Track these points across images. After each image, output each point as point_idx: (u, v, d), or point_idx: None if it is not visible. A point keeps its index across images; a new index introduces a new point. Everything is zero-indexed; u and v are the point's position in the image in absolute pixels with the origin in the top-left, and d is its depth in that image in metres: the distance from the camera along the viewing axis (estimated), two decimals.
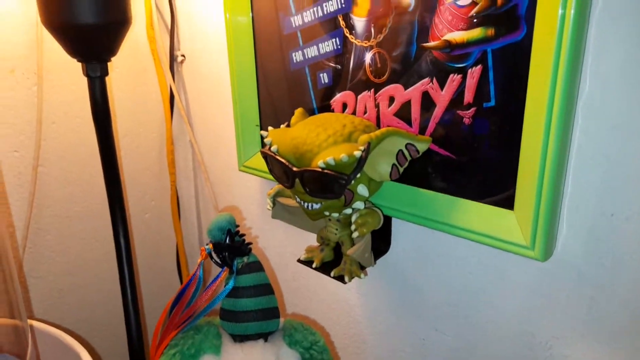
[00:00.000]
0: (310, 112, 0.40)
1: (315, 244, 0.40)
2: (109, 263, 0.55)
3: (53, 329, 0.40)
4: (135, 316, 0.45)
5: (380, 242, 0.40)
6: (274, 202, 0.39)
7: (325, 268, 0.39)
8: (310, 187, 0.32)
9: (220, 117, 0.51)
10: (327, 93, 0.40)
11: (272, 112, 0.45)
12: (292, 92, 0.42)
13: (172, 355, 0.32)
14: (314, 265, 0.39)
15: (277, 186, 0.40)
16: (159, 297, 0.62)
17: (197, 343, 0.32)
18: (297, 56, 0.41)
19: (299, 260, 0.40)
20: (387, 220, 0.39)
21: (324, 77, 0.40)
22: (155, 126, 0.57)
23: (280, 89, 0.43)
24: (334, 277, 0.37)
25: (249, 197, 0.51)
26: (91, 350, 0.44)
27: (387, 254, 0.40)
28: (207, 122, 0.54)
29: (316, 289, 0.48)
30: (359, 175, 0.32)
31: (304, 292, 0.49)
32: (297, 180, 0.33)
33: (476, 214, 0.33)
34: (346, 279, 0.37)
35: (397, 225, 0.39)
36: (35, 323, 0.40)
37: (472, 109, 0.32)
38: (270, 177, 0.44)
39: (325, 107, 0.40)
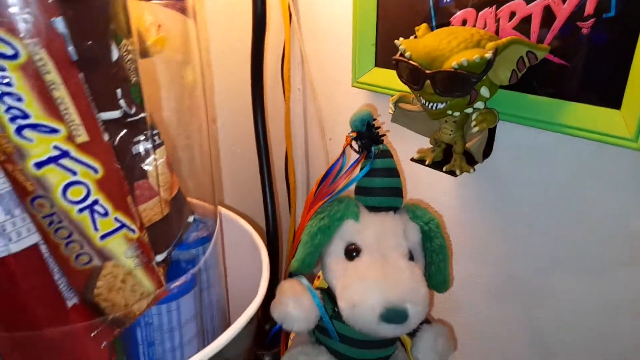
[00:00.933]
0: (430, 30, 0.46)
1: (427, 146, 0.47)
2: None
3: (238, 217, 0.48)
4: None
5: (485, 145, 0.46)
6: (395, 107, 0.45)
7: (435, 166, 0.46)
8: (441, 87, 0.38)
9: (335, 36, 0.57)
10: (448, 11, 0.45)
11: (389, 31, 0.51)
12: (412, 11, 0.48)
13: (320, 218, 0.40)
14: (427, 162, 0.46)
15: (398, 94, 0.46)
16: None
17: (341, 210, 0.40)
18: None
19: (412, 159, 0.47)
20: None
21: None
22: (272, 43, 0.63)
23: (401, 8, 0.49)
24: (445, 172, 0.44)
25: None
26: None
27: (489, 157, 0.46)
28: (320, 40, 0.60)
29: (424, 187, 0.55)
30: (484, 78, 0.38)
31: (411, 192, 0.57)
32: (427, 82, 0.39)
33: (582, 113, 0.38)
34: (457, 172, 0.43)
35: (501, 129, 0.44)
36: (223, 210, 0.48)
37: (591, 20, 0.36)
38: (382, 91, 0.50)
39: (444, 25, 0.45)
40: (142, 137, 0.29)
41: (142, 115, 0.29)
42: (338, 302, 0.39)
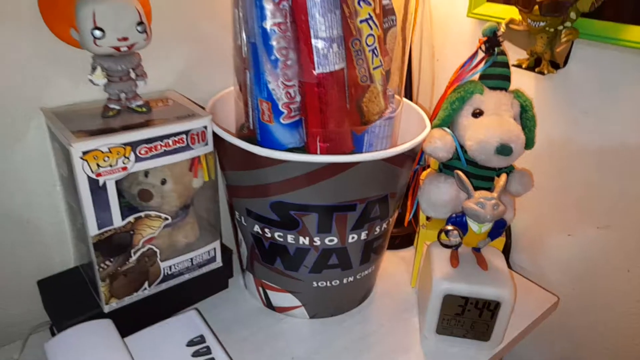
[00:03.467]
0: None
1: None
2: None
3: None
4: None
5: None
6: (506, 27, 0.67)
7: (529, 69, 0.68)
8: (545, 10, 0.60)
9: None
10: None
11: None
12: None
13: (458, 92, 0.64)
14: (523, 66, 0.68)
15: (509, 18, 0.68)
16: None
17: (472, 87, 0.63)
18: None
19: (512, 65, 0.70)
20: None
21: None
22: None
23: None
24: (536, 72, 0.67)
25: (470, 40, 0.80)
26: None
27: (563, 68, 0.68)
28: None
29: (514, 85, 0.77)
30: (573, 5, 0.60)
31: None
32: (535, 7, 0.61)
33: (632, 32, 0.60)
34: (545, 72, 0.66)
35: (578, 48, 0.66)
36: None
37: None
38: (489, 19, 0.71)
39: None
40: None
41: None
42: (466, 142, 0.63)
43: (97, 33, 0.48)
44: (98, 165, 0.48)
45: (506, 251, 0.83)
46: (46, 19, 0.50)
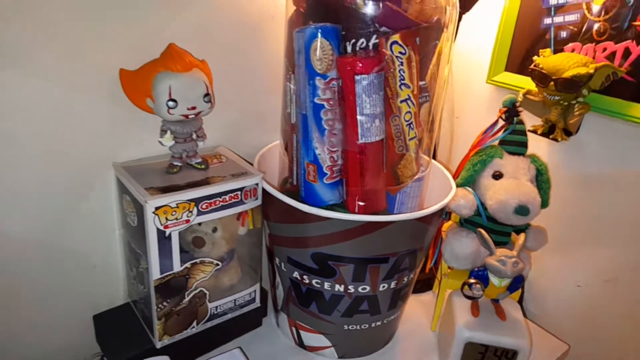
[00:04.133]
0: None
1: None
2: None
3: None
4: None
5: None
6: (524, 97, 0.75)
7: (544, 135, 0.75)
8: (560, 86, 0.67)
9: (478, 43, 0.86)
10: (562, 43, 0.74)
11: (518, 49, 0.80)
12: (537, 38, 0.77)
13: (480, 155, 0.70)
14: (538, 132, 0.75)
15: (526, 89, 0.75)
16: None
17: (492, 152, 0.70)
18: (547, 20, 0.75)
19: (528, 130, 0.77)
20: None
21: (562, 34, 0.73)
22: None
23: (530, 36, 0.78)
24: (550, 139, 0.74)
25: (488, 103, 0.87)
26: None
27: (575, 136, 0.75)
28: (465, 43, 0.89)
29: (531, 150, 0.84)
30: (586, 84, 0.67)
31: None
32: (551, 83, 0.68)
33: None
34: (559, 139, 0.73)
35: (587, 117, 0.73)
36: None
37: None
38: (506, 87, 0.78)
39: (560, 51, 0.74)
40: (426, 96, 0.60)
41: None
42: (487, 201, 0.69)
43: (171, 104, 0.56)
44: (166, 219, 0.55)
45: (520, 298, 0.88)
46: (126, 90, 0.58)
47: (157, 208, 0.54)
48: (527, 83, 0.76)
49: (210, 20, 0.64)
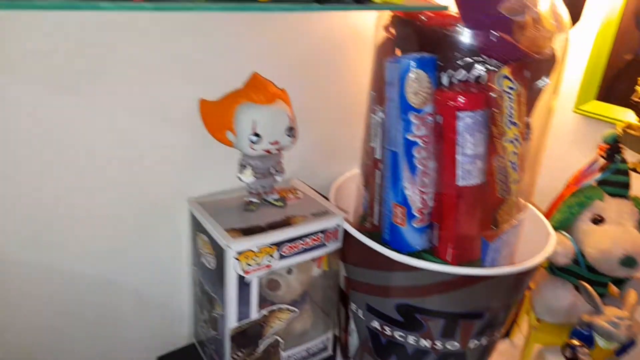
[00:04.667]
0: None
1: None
2: None
3: None
4: None
5: None
6: (624, 131, 0.68)
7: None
8: None
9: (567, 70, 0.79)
10: None
11: (612, 78, 0.73)
12: (637, 68, 0.70)
13: (578, 197, 0.64)
14: (638, 170, 0.68)
15: (626, 122, 0.68)
16: None
17: (591, 193, 0.64)
18: None
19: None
20: None
21: None
22: None
23: (628, 63, 0.71)
24: None
25: (574, 134, 0.80)
26: None
27: None
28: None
29: None
30: None
31: None
32: None
33: None
34: None
35: None
36: None
37: None
38: (596, 117, 0.72)
39: None
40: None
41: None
42: (587, 248, 0.62)
43: (254, 138, 0.52)
44: (248, 264, 0.51)
45: None
46: (206, 121, 0.54)
47: (239, 253, 0.49)
48: (620, 114, 0.69)
49: (291, 47, 0.61)
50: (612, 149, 0.64)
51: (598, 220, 0.63)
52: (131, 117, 0.52)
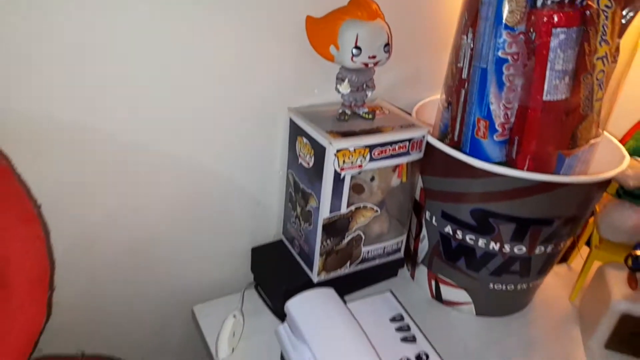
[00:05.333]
0: None
1: None
2: None
3: None
4: None
5: None
6: None
7: None
8: None
9: None
10: None
11: None
12: None
13: None
14: None
15: None
16: None
17: None
18: None
19: None
20: None
21: None
22: None
23: None
24: None
25: None
26: None
27: None
28: None
29: None
30: None
31: None
32: None
33: None
34: None
35: None
36: None
37: None
38: None
39: None
40: None
41: None
42: None
43: (355, 51, 0.57)
44: (344, 162, 0.58)
45: None
46: (311, 37, 0.60)
47: (338, 151, 0.56)
48: None
49: None
50: None
51: None
52: (248, 33, 0.58)
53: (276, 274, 0.69)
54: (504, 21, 0.54)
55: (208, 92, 0.60)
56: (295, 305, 0.57)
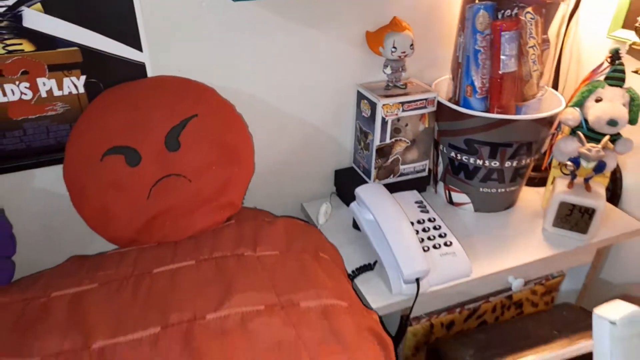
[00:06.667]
0: None
1: None
2: None
3: None
4: None
5: None
6: (629, 47, 1.04)
7: None
8: None
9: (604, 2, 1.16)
10: None
11: (635, 11, 1.08)
12: None
13: (587, 86, 1.04)
14: (639, 72, 1.05)
15: (631, 41, 1.04)
16: None
17: (597, 84, 1.03)
18: None
19: None
20: None
21: None
22: None
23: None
24: None
25: (605, 52, 1.17)
26: None
27: None
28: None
29: None
30: None
31: None
32: None
33: None
34: None
35: None
36: None
37: None
38: (623, 40, 1.08)
39: None
40: None
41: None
42: (589, 117, 1.03)
43: (393, 50, 1.03)
44: (386, 112, 1.03)
45: (615, 199, 1.19)
46: (369, 42, 1.07)
47: (383, 105, 1.02)
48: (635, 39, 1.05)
49: (412, 5, 1.09)
50: (614, 56, 1.02)
51: (598, 100, 1.03)
52: (334, 41, 1.06)
53: (349, 183, 1.17)
54: (477, 28, 0.97)
55: (313, 76, 1.08)
56: (361, 189, 1.04)
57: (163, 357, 0.59)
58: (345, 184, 1.19)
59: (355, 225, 1.08)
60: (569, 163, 1.00)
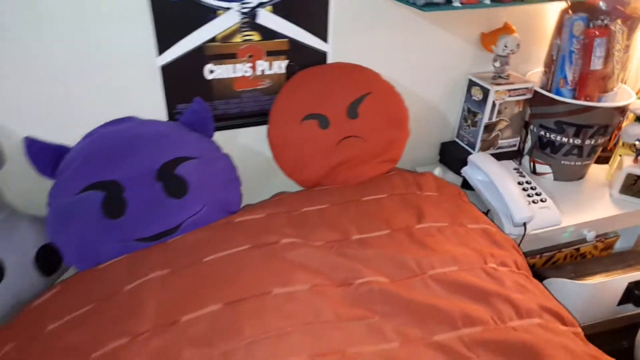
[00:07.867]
0: None
1: None
2: None
3: None
4: None
5: None
6: None
7: None
8: None
9: None
10: None
11: None
12: None
13: None
14: None
15: None
16: None
17: None
18: None
19: None
20: None
21: None
22: None
23: None
24: None
25: None
26: None
27: None
28: None
29: None
30: None
31: None
32: None
33: None
34: None
35: None
36: None
37: None
38: None
39: None
40: None
41: None
42: None
43: (504, 48, 1.31)
44: (497, 97, 1.32)
45: None
46: (483, 41, 1.35)
47: (495, 91, 1.31)
48: None
49: (516, 13, 1.37)
50: None
51: None
52: (453, 39, 1.34)
53: (456, 153, 1.46)
54: (573, 34, 1.25)
55: (435, 64, 1.38)
56: (474, 156, 1.34)
57: (397, 243, 0.90)
58: (453, 153, 1.48)
59: (464, 185, 1.38)
60: (637, 142, 1.29)
